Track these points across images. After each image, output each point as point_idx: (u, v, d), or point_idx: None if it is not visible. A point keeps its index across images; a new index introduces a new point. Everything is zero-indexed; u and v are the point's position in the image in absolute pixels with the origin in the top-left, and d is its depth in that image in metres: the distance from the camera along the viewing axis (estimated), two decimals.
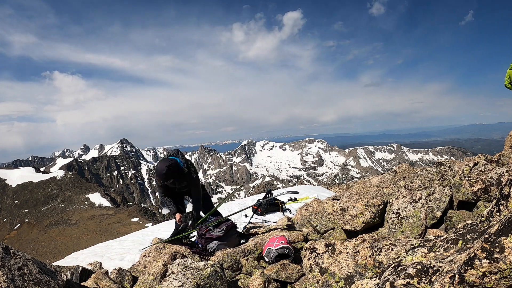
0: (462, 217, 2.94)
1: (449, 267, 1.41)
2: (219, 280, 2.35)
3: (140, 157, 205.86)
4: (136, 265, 4.06)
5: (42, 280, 2.22)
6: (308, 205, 4.96)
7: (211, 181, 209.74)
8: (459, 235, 1.70)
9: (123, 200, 75.58)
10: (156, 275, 2.97)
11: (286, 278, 2.70)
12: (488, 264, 1.22)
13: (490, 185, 3.12)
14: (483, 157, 4.52)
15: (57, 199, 68.94)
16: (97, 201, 65.21)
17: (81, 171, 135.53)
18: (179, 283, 2.22)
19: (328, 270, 2.31)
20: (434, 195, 3.23)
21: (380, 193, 3.77)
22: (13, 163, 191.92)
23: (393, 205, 3.21)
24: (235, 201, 12.19)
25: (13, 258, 2.22)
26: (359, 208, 3.32)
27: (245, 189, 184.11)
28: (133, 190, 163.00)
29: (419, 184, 4.37)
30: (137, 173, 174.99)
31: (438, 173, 4.64)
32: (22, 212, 66.09)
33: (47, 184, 74.75)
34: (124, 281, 3.41)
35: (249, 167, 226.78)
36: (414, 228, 2.90)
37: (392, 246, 2.19)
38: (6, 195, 72.96)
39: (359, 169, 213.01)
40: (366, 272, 2.12)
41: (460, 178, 3.88)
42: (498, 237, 1.25)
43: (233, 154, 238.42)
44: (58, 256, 28.09)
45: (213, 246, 3.82)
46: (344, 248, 2.37)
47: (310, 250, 2.61)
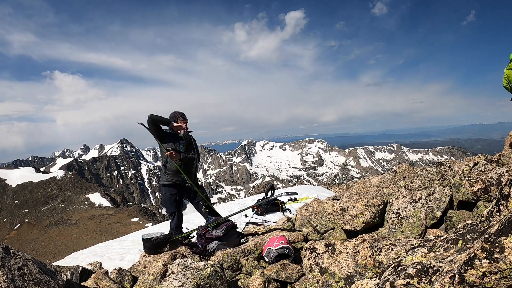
0: (462, 217, 2.94)
1: (449, 267, 1.41)
2: (219, 280, 2.35)
3: (140, 157, 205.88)
4: (136, 265, 4.06)
5: (42, 280, 2.22)
6: (308, 205, 4.96)
7: (211, 181, 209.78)
8: (459, 235, 1.70)
9: (123, 200, 75.60)
10: (156, 275, 2.97)
11: (286, 278, 2.70)
12: (488, 264, 1.22)
13: (490, 185, 3.12)
14: (483, 157, 4.52)
15: (57, 199, 68.96)
16: (97, 201, 65.23)
17: (81, 171, 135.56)
18: (179, 283, 2.22)
19: (328, 270, 2.31)
20: (434, 195, 3.23)
21: (380, 193, 3.77)
22: (13, 163, 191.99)
23: (393, 205, 3.21)
24: (235, 201, 12.19)
25: (13, 258, 2.22)
26: (359, 208, 3.32)
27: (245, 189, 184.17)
28: (133, 190, 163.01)
29: (419, 184, 4.37)
30: (137, 173, 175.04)
31: (438, 173, 4.64)
32: (22, 212, 66.10)
33: (47, 184, 74.78)
34: (124, 281, 3.41)
35: (249, 167, 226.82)
36: (414, 228, 2.90)
37: (392, 246, 2.19)
38: (6, 195, 72.98)
39: (359, 169, 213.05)
40: (366, 272, 2.12)
41: (460, 178, 3.88)
42: (498, 237, 1.25)
43: (233, 154, 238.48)
44: (58, 256, 28.09)
45: (213, 246, 3.82)
46: (344, 248, 2.37)
47: (310, 250, 2.61)
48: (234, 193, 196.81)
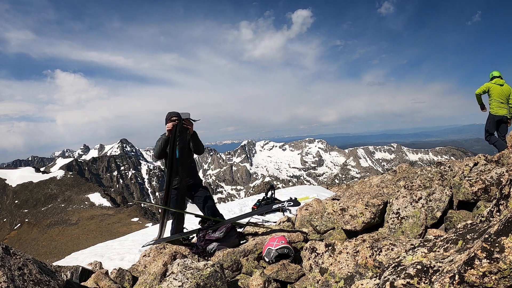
0: (462, 217, 2.94)
1: (449, 267, 1.41)
2: (219, 280, 2.35)
3: (140, 157, 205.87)
4: (136, 265, 4.06)
5: (42, 280, 2.22)
6: (308, 205, 4.96)
7: (211, 181, 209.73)
8: (459, 235, 1.70)
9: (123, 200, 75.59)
10: (156, 275, 2.97)
11: (286, 278, 2.70)
12: (488, 264, 1.22)
13: (490, 185, 3.12)
14: (483, 157, 4.52)
15: (57, 199, 68.94)
16: (97, 201, 65.20)
17: (81, 171, 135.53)
18: (179, 283, 2.22)
19: (328, 270, 2.31)
20: (434, 195, 3.23)
21: (380, 193, 3.77)
22: (13, 163, 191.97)
23: (393, 205, 3.21)
24: (235, 201, 12.18)
25: (13, 258, 2.22)
26: (359, 208, 3.32)
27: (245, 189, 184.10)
28: (133, 190, 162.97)
29: (419, 184, 4.37)
30: (137, 173, 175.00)
31: (438, 173, 4.64)
32: (22, 212, 66.09)
33: (47, 184, 74.75)
34: (124, 281, 3.41)
35: (249, 167, 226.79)
36: (414, 228, 2.90)
37: (392, 246, 2.19)
38: (6, 195, 72.97)
39: (359, 169, 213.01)
40: (366, 272, 2.12)
41: (460, 178, 3.88)
42: (498, 237, 1.25)
43: (233, 154, 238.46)
44: (58, 256, 28.09)
45: (213, 247, 3.82)
46: (344, 248, 2.37)
47: (310, 250, 2.61)
48: (234, 193, 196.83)
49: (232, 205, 9.53)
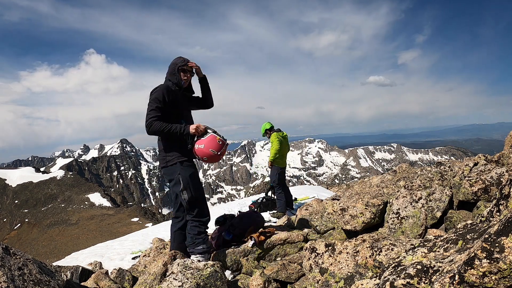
0: (462, 217, 2.94)
1: (449, 267, 1.41)
2: (219, 280, 2.35)
3: (140, 157, 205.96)
4: (136, 265, 4.06)
5: (42, 280, 2.22)
6: (308, 205, 4.96)
7: (211, 181, 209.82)
8: (459, 235, 1.70)
9: (123, 200, 75.57)
10: (156, 275, 2.97)
11: (286, 278, 2.70)
12: (488, 264, 1.22)
13: (490, 185, 3.12)
14: (483, 157, 4.52)
15: (57, 199, 68.95)
16: (97, 201, 65.20)
17: (81, 171, 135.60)
18: (179, 283, 2.22)
19: (328, 270, 2.31)
20: (434, 195, 3.23)
21: (380, 193, 3.78)
22: (13, 163, 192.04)
23: (393, 205, 3.21)
24: (235, 201, 12.18)
25: (13, 258, 2.22)
26: (359, 208, 3.32)
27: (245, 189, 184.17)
28: (133, 190, 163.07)
29: (419, 184, 4.37)
30: (137, 173, 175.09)
31: (438, 173, 4.64)
32: (22, 212, 66.09)
33: (47, 184, 74.75)
34: (124, 281, 3.41)
35: (249, 167, 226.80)
36: (414, 228, 2.90)
37: (392, 246, 2.19)
38: (6, 195, 72.97)
39: (359, 169, 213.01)
40: (366, 272, 2.12)
41: (460, 178, 3.88)
42: (498, 237, 1.25)
43: (233, 154, 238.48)
44: (58, 256, 28.09)
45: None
46: (344, 248, 2.37)
47: (310, 250, 2.61)
48: (234, 193, 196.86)
49: (232, 205, 9.53)
